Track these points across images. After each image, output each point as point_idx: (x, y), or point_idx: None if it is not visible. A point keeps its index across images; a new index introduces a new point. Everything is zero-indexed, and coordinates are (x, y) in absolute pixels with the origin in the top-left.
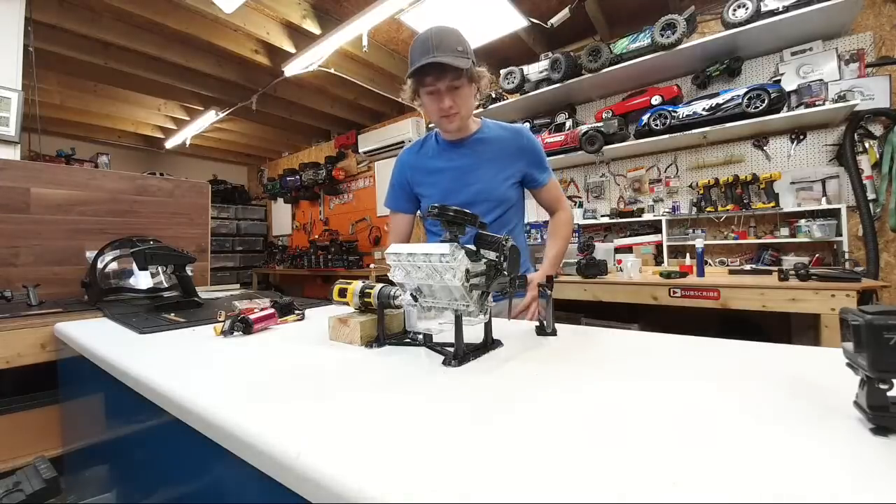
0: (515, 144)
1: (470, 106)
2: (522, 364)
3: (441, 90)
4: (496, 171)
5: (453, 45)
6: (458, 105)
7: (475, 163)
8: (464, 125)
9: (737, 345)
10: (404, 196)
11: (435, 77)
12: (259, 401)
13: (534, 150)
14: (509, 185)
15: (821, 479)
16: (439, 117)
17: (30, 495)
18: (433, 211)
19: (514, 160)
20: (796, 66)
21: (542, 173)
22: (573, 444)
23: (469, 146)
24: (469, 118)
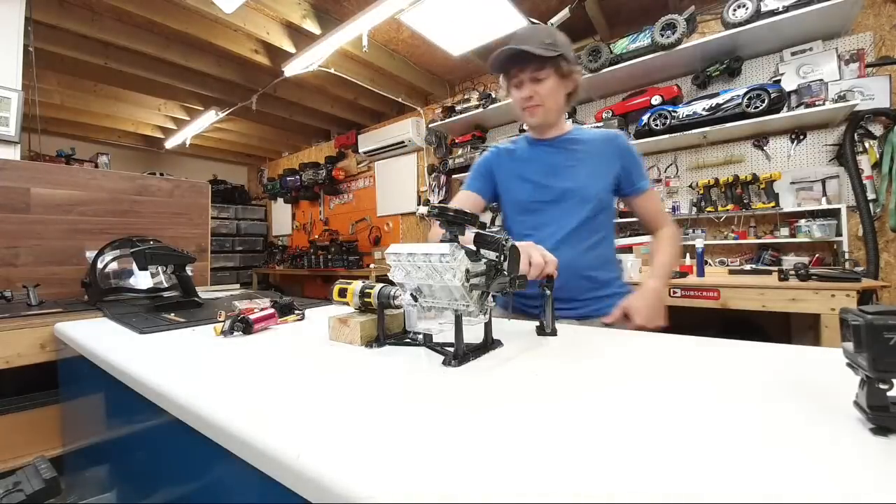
0: (612, 145)
1: (557, 101)
2: (522, 364)
3: (523, 80)
4: (590, 170)
5: (541, 38)
6: (540, 96)
7: (567, 161)
8: (548, 120)
9: (737, 345)
10: (482, 178)
11: (518, 68)
12: (259, 401)
13: (632, 153)
14: (602, 187)
15: (821, 479)
16: (521, 109)
17: (30, 495)
18: (433, 211)
19: (610, 161)
20: (796, 66)
21: (642, 179)
22: (574, 444)
23: (561, 145)
24: (556, 114)
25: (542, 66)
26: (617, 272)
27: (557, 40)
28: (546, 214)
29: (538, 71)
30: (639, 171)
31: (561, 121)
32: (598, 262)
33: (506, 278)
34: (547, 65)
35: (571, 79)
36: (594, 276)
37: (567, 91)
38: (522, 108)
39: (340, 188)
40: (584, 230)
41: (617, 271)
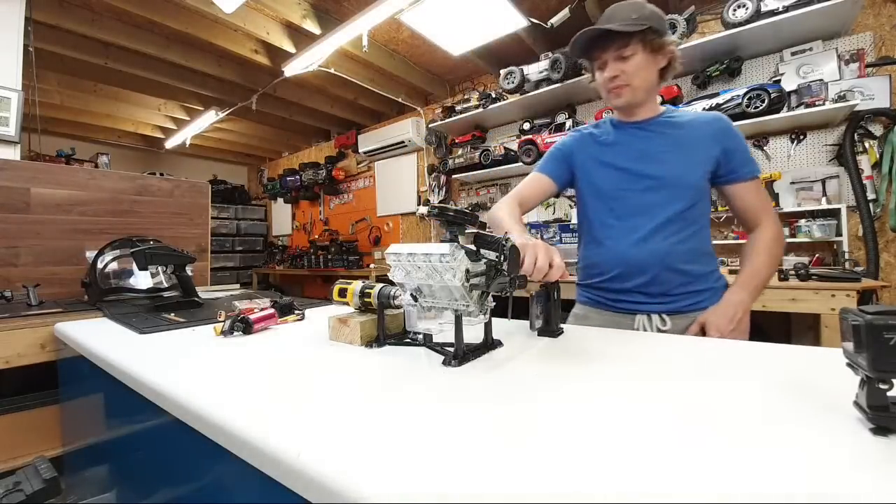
0: (713, 127)
1: (646, 78)
2: (523, 364)
3: (607, 61)
4: (686, 155)
5: (627, 14)
6: (627, 75)
7: (659, 145)
8: (637, 99)
9: (737, 345)
10: (556, 162)
11: (601, 49)
12: (259, 401)
13: (735, 134)
14: (700, 175)
15: (821, 479)
16: (606, 91)
17: (30, 495)
18: (433, 211)
19: (709, 145)
20: (796, 66)
21: (745, 165)
22: (574, 444)
23: (652, 128)
24: (646, 93)
25: (627, 42)
26: (714, 265)
27: (644, 13)
28: (633, 204)
29: (622, 49)
30: (743, 155)
31: (652, 101)
32: (692, 255)
33: (506, 278)
34: (632, 41)
35: (663, 52)
36: (688, 269)
37: (659, 66)
38: (608, 90)
39: (340, 188)
40: (678, 221)
41: (714, 264)
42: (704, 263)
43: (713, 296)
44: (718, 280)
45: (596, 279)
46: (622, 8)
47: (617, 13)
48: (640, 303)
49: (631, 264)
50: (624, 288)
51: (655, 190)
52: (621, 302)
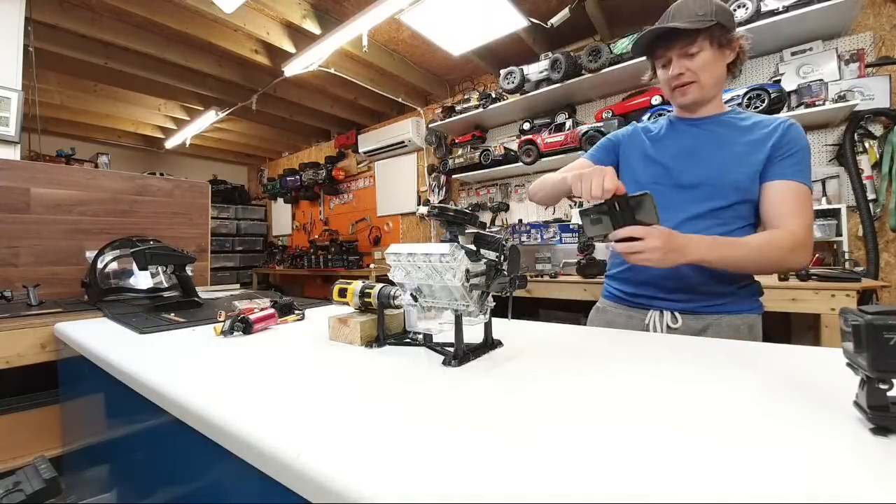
0: (771, 127)
1: (714, 74)
2: (523, 364)
3: (671, 58)
4: (734, 154)
5: (693, 10)
6: (694, 72)
7: (708, 143)
8: (705, 97)
9: (736, 344)
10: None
11: (665, 47)
12: (259, 401)
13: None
14: (746, 174)
15: (820, 479)
16: (671, 90)
17: (30, 495)
18: (433, 211)
19: (761, 145)
20: (796, 66)
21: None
22: (574, 444)
23: (706, 126)
24: (714, 89)
25: (693, 39)
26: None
27: (711, 9)
28: (667, 198)
29: (688, 46)
30: (791, 160)
31: (718, 98)
32: None
33: (506, 278)
34: (699, 37)
35: (731, 46)
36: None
37: (728, 61)
38: (672, 88)
39: (340, 188)
40: (710, 218)
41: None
42: None
43: (737, 301)
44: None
45: (617, 269)
46: (686, 4)
47: (682, 9)
48: (654, 297)
49: None
50: (640, 279)
51: (693, 187)
52: (637, 297)
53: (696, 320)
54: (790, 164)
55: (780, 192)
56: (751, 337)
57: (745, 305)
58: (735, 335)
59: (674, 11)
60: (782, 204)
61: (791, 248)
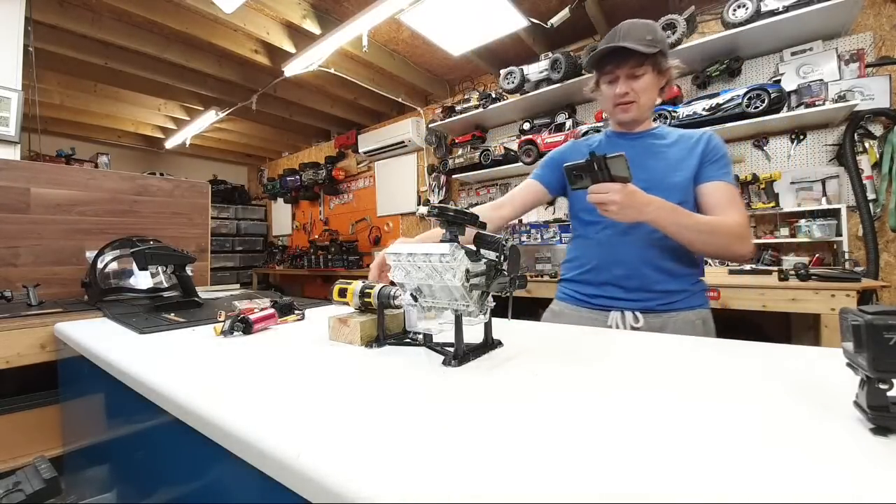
0: (695, 139)
1: (651, 97)
2: (523, 364)
3: (619, 76)
4: (669, 162)
5: (642, 34)
6: (636, 93)
7: (646, 154)
8: (641, 116)
9: (736, 345)
10: (550, 170)
11: (615, 64)
12: (259, 401)
13: (716, 146)
14: (682, 178)
15: (820, 479)
16: (613, 105)
17: (30, 495)
18: (433, 211)
19: (691, 153)
20: (796, 66)
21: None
22: (574, 444)
23: (640, 140)
24: (648, 110)
25: (641, 62)
26: (695, 269)
27: (657, 36)
28: None
29: (636, 68)
30: (718, 164)
31: (650, 118)
32: (673, 254)
33: (506, 278)
34: (646, 61)
35: (666, 73)
36: (667, 267)
37: (660, 86)
38: (615, 105)
39: (340, 188)
40: None
41: (695, 268)
42: (685, 264)
43: (689, 298)
44: (696, 284)
45: (576, 272)
46: (637, 27)
47: (633, 31)
48: (615, 298)
49: (611, 255)
50: (601, 280)
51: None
52: (597, 298)
53: (655, 318)
54: (718, 167)
55: (717, 190)
56: (705, 330)
57: (696, 301)
58: (691, 330)
59: (623, 32)
60: (720, 200)
61: (738, 235)
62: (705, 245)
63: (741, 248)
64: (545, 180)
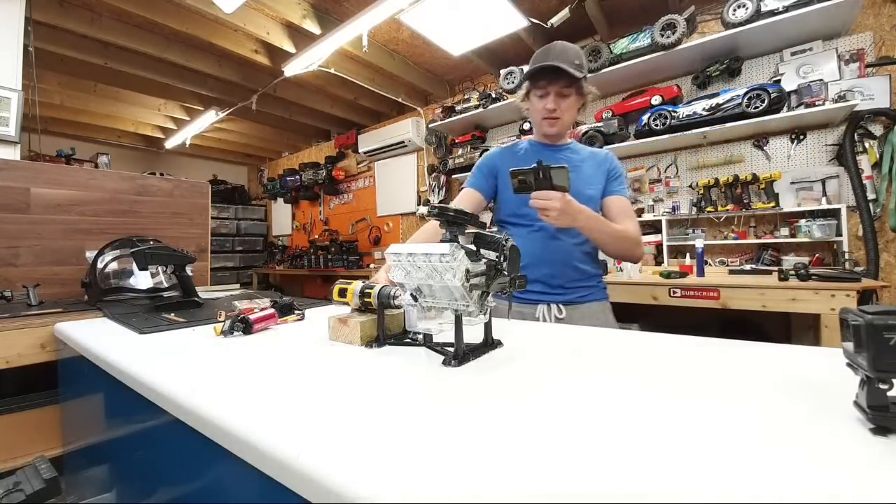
0: (603, 157)
1: (572, 116)
2: (523, 364)
3: (550, 93)
4: (584, 175)
5: (572, 58)
6: (562, 111)
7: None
8: (562, 132)
9: (736, 345)
10: (484, 178)
11: (549, 81)
12: (259, 401)
13: (618, 166)
14: (595, 191)
15: (820, 479)
16: (541, 118)
17: (30, 495)
18: (433, 211)
19: (600, 169)
20: (796, 66)
21: (619, 186)
22: (574, 444)
23: (561, 152)
24: (569, 127)
25: (571, 84)
26: (600, 270)
27: (583, 62)
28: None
29: (566, 87)
30: (620, 181)
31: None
32: (588, 257)
33: (506, 278)
34: (574, 84)
35: (585, 97)
36: (583, 268)
37: (579, 107)
38: (543, 118)
39: (340, 188)
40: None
41: (600, 269)
42: (595, 266)
43: (597, 292)
44: (600, 282)
45: None
46: (569, 50)
47: (564, 53)
48: (541, 293)
49: (539, 256)
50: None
51: None
52: (526, 293)
53: (573, 309)
54: (619, 183)
55: (618, 202)
56: (607, 318)
57: (601, 295)
58: (598, 317)
59: (557, 52)
60: (621, 211)
61: (637, 242)
62: (616, 249)
63: (639, 252)
64: (481, 187)
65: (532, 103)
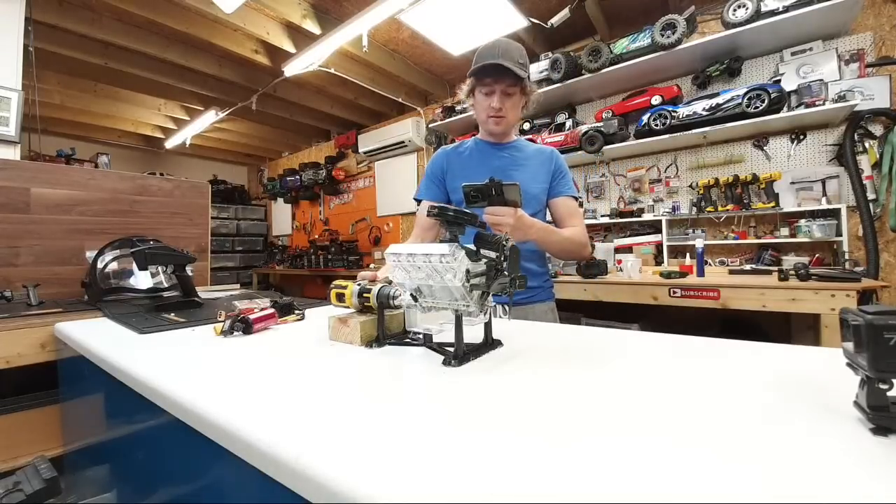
0: (548, 155)
1: (517, 115)
2: (523, 364)
3: (496, 91)
4: (530, 174)
5: (516, 57)
6: (506, 109)
7: (512, 164)
8: (508, 129)
9: (737, 345)
10: (435, 185)
11: (494, 79)
12: (259, 401)
13: (563, 165)
14: (541, 189)
15: (820, 479)
16: (487, 116)
17: (30, 495)
18: (433, 211)
19: (545, 168)
20: (796, 66)
21: (565, 186)
22: (574, 443)
23: (507, 150)
24: (514, 125)
25: (515, 83)
26: (546, 268)
27: (526, 62)
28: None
29: (511, 87)
30: (566, 180)
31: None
32: (535, 255)
33: (506, 278)
34: (519, 83)
35: (529, 96)
36: (528, 267)
37: (523, 105)
38: (489, 116)
39: (340, 188)
40: None
41: (546, 267)
42: (541, 264)
43: (543, 292)
44: (547, 282)
45: None
46: (511, 48)
47: (508, 52)
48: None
49: None
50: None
51: None
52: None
53: (520, 310)
54: (565, 183)
55: (565, 203)
56: (553, 317)
57: (546, 296)
58: (545, 316)
59: (502, 50)
60: (568, 211)
61: (584, 243)
62: (565, 254)
63: (586, 252)
64: (437, 197)
65: (477, 101)
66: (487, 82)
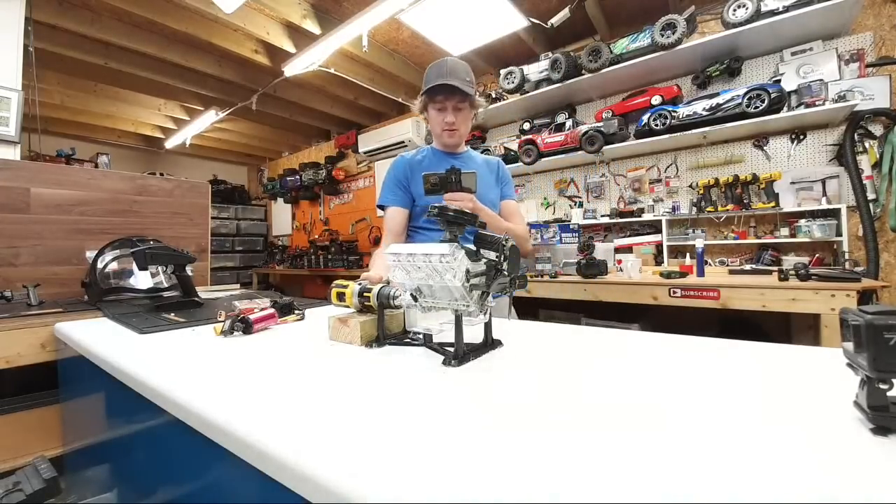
0: (495, 164)
1: (468, 127)
2: (522, 364)
3: (448, 108)
4: (483, 181)
5: (463, 75)
6: (458, 123)
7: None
8: (460, 141)
9: (737, 345)
10: (401, 191)
11: (445, 96)
12: (259, 401)
13: (507, 172)
14: (496, 194)
15: (821, 479)
16: (441, 130)
17: (30, 495)
18: (433, 211)
19: (493, 175)
20: (796, 66)
21: (509, 190)
22: (574, 443)
23: (461, 159)
24: (464, 138)
25: (465, 99)
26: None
27: (472, 79)
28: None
29: (461, 102)
30: (509, 186)
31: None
32: None
33: (506, 278)
34: (467, 99)
35: (477, 109)
36: None
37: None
38: (443, 130)
39: (340, 188)
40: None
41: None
42: None
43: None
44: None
45: None
46: (458, 67)
47: (455, 70)
48: None
49: None
50: None
51: None
52: None
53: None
54: (509, 188)
55: (510, 205)
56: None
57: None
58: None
59: (449, 69)
60: (512, 212)
61: (525, 238)
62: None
63: (527, 247)
64: (404, 202)
65: (431, 116)
66: (439, 100)
